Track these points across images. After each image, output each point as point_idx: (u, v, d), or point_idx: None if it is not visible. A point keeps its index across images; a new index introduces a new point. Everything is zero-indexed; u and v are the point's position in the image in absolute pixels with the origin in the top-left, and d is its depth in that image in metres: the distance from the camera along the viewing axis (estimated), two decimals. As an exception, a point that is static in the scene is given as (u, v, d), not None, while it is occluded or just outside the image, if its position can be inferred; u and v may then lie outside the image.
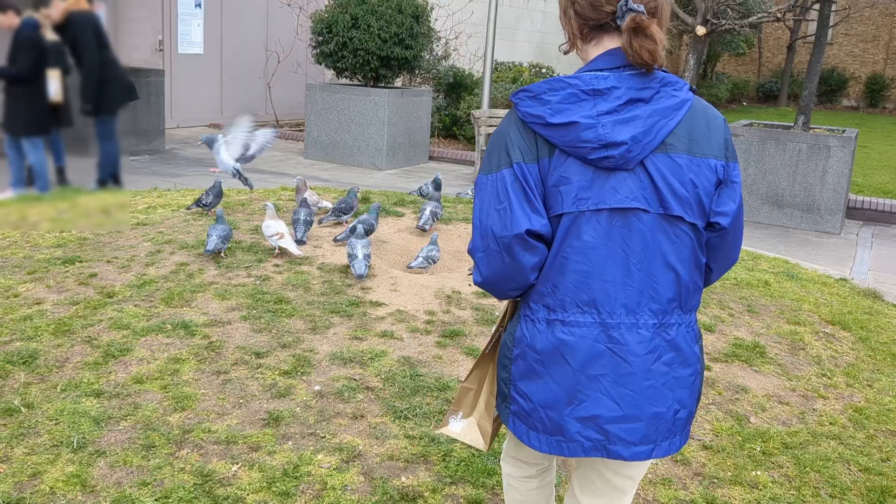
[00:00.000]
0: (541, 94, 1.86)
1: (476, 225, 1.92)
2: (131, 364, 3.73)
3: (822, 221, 8.98)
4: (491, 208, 1.89)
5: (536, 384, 1.92)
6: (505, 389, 2.01)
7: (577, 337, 1.88)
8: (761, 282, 5.89)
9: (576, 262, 1.87)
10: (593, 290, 1.87)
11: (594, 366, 1.87)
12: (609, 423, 1.88)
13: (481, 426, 2.18)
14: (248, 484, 2.92)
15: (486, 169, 1.93)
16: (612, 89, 1.84)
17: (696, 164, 1.87)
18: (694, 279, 1.93)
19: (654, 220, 1.86)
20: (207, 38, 13.97)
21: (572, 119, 1.82)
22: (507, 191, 1.86)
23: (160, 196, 7.14)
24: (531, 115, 1.86)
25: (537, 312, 1.92)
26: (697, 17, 12.50)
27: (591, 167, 1.84)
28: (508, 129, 1.91)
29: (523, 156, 1.87)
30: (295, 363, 3.83)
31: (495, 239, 1.87)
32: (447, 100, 13.77)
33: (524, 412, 1.95)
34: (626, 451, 1.90)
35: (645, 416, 1.89)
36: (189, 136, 12.79)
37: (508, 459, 2.36)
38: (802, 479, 3.30)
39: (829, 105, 26.81)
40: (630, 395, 1.88)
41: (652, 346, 1.89)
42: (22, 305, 4.31)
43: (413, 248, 5.69)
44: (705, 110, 1.92)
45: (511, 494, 2.41)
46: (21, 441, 3.08)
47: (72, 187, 6.05)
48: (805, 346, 4.72)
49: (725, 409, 3.83)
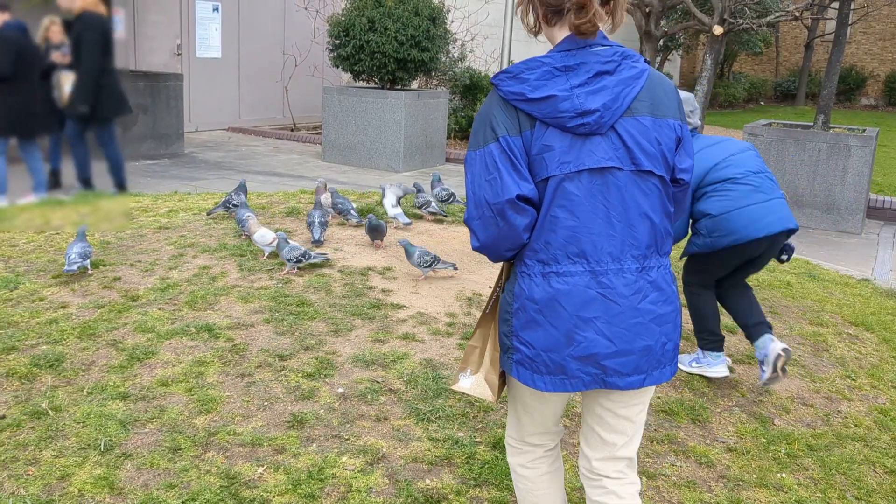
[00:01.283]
0: (519, 73, 2.09)
1: (469, 196, 2.14)
2: (156, 367, 3.76)
3: (843, 221, 8.92)
4: (482, 179, 2.11)
5: (537, 332, 2.13)
6: (507, 342, 2.21)
7: (570, 285, 2.10)
8: (783, 283, 5.86)
9: (564, 219, 2.09)
10: (581, 242, 2.10)
11: (588, 309, 2.10)
12: (605, 359, 2.11)
13: (488, 380, 2.35)
14: (274, 486, 2.94)
15: (473, 146, 2.15)
16: (581, 65, 2.08)
17: (659, 125, 2.13)
18: (665, 225, 2.19)
19: (627, 176, 2.10)
20: (225, 42, 14.05)
21: (550, 93, 2.05)
22: (495, 162, 2.09)
23: (181, 200, 7.18)
24: (512, 93, 2.09)
25: (532, 268, 2.14)
26: (714, 16, 12.45)
27: (569, 134, 2.08)
28: (491, 108, 2.13)
29: (507, 130, 2.09)
30: (318, 365, 3.85)
31: (489, 206, 2.09)
32: (463, 101, 13.77)
33: (528, 359, 2.15)
34: (621, 382, 2.13)
35: (636, 349, 2.12)
36: (208, 140, 12.86)
37: (514, 447, 2.46)
38: (828, 482, 3.29)
39: (848, 104, 26.61)
40: (621, 333, 2.11)
41: (637, 288, 2.12)
42: (48, 309, 4.35)
43: (433, 249, 5.70)
44: (661, 79, 2.18)
45: (523, 491, 2.45)
46: (49, 444, 3.11)
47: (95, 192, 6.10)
48: (828, 348, 4.69)
49: (749, 411, 3.82)
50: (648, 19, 13.30)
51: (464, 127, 13.46)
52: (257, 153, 11.94)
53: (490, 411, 3.58)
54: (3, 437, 3.13)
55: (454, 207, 6.86)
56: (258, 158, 11.47)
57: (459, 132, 13.55)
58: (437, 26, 11.34)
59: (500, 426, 3.46)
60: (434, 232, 6.16)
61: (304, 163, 11.36)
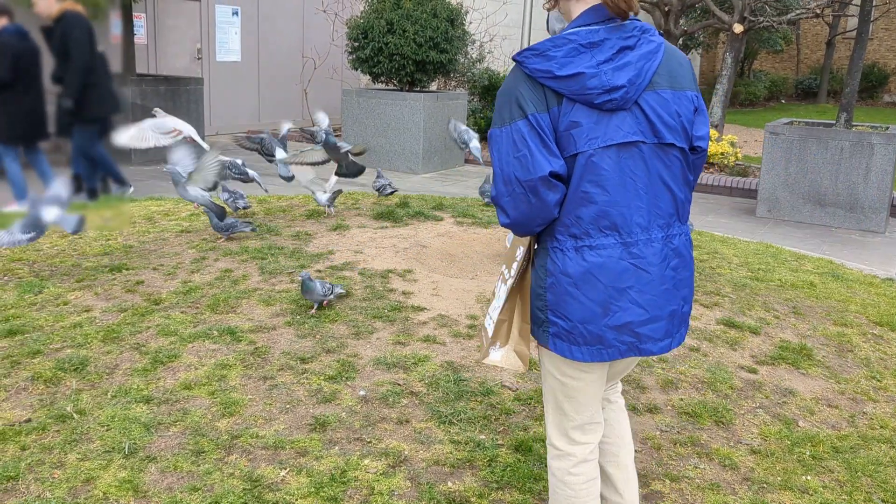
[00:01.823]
0: (545, 51, 2.11)
1: (497, 173, 2.17)
2: (179, 370, 3.78)
3: (866, 220, 8.83)
4: (510, 157, 2.13)
5: (572, 305, 2.18)
6: (542, 316, 2.25)
7: (604, 258, 2.16)
8: (806, 283, 5.81)
9: (595, 193, 2.14)
10: (612, 215, 2.15)
11: (622, 280, 2.16)
12: (639, 327, 2.19)
13: (518, 351, 2.39)
14: (297, 489, 2.95)
15: (498, 123, 2.17)
16: (605, 41, 2.12)
17: (678, 97, 2.19)
18: (685, 194, 2.29)
19: (651, 149, 2.17)
20: (245, 45, 14.13)
21: (578, 70, 2.08)
22: (524, 139, 2.11)
23: (202, 203, 7.22)
24: (539, 70, 2.11)
25: (564, 243, 2.18)
26: (734, 14, 12.37)
27: (595, 111, 2.11)
28: (517, 85, 2.14)
29: (535, 107, 2.11)
30: (339, 368, 3.86)
31: (519, 183, 2.12)
32: (482, 102, 13.77)
33: (564, 331, 2.21)
34: (655, 347, 2.24)
35: (665, 315, 2.22)
36: (228, 144, 12.93)
37: (558, 449, 2.43)
38: (854, 484, 3.25)
39: (870, 101, 26.32)
40: (652, 300, 2.19)
41: (663, 255, 2.20)
42: (72, 313, 4.39)
43: (454, 251, 5.70)
44: (675, 51, 2.24)
45: (562, 498, 2.42)
46: (74, 447, 3.14)
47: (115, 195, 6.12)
48: (853, 348, 4.65)
49: (773, 413, 3.79)
50: (668, 18, 13.23)
51: (483, 128, 13.44)
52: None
53: (512, 414, 3.57)
54: (29, 441, 3.17)
55: (474, 207, 6.86)
56: (278, 161, 11.50)
57: (478, 133, 13.54)
58: (456, 28, 11.35)
59: (521, 429, 3.45)
60: (454, 234, 6.16)
61: (324, 165, 11.39)
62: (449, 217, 6.65)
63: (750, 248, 6.97)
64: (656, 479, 3.18)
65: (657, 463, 3.29)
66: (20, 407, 3.42)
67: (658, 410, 3.71)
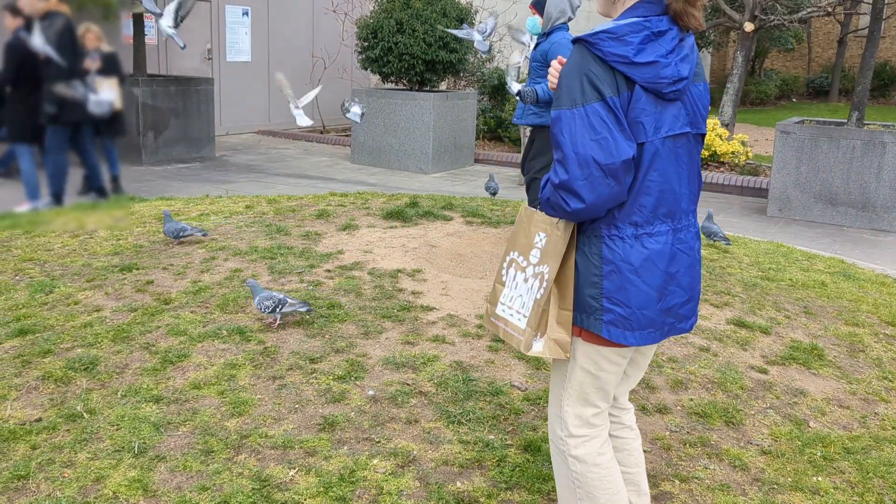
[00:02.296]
0: (623, 35, 2.10)
1: (570, 156, 2.12)
2: (189, 370, 3.79)
3: (878, 219, 8.78)
4: (586, 139, 2.10)
5: (633, 291, 2.21)
6: (595, 304, 2.25)
7: (661, 244, 2.22)
8: (817, 282, 5.78)
9: (658, 182, 2.20)
10: (668, 203, 2.22)
11: (673, 264, 2.25)
12: (680, 308, 2.30)
13: (558, 340, 2.35)
14: (306, 489, 2.95)
15: (568, 103, 2.13)
16: (668, 31, 2.16)
17: (704, 88, 2.31)
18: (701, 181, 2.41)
19: (693, 139, 2.28)
20: (255, 45, 14.16)
21: (652, 58, 2.11)
22: (603, 122, 2.10)
23: (212, 203, 7.25)
24: (615, 54, 2.09)
25: (624, 230, 2.21)
26: (745, 13, 12.32)
27: (658, 100, 2.16)
28: (588, 65, 2.11)
29: (610, 90, 2.10)
30: (348, 368, 3.86)
31: (598, 166, 2.10)
32: (492, 102, 13.76)
33: (622, 318, 2.23)
34: (687, 325, 2.36)
35: (696, 295, 2.36)
36: (238, 143, 12.97)
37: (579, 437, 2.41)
38: (866, 486, 3.23)
39: (882, 100, 26.16)
40: (690, 282, 2.31)
41: (695, 239, 2.34)
42: (82, 312, 4.41)
43: (463, 251, 5.69)
44: (694, 45, 2.31)
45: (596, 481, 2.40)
46: (84, 446, 3.15)
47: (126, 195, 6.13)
48: (864, 348, 4.62)
49: (784, 414, 3.77)
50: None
51: (493, 127, 13.44)
52: (287, 156, 12.02)
53: (521, 414, 3.57)
54: (39, 440, 3.18)
55: (484, 207, 6.85)
56: (288, 161, 11.54)
57: (488, 133, 13.53)
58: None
59: (530, 429, 3.44)
60: (464, 233, 6.16)
61: (334, 165, 11.41)
62: (458, 217, 6.65)
63: (761, 247, 6.94)
64: (666, 479, 3.17)
65: (667, 463, 3.28)
66: (31, 406, 3.44)
67: (668, 411, 3.70)
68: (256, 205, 7.10)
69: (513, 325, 2.41)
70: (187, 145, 11.11)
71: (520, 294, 2.39)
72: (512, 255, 2.42)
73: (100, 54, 4.60)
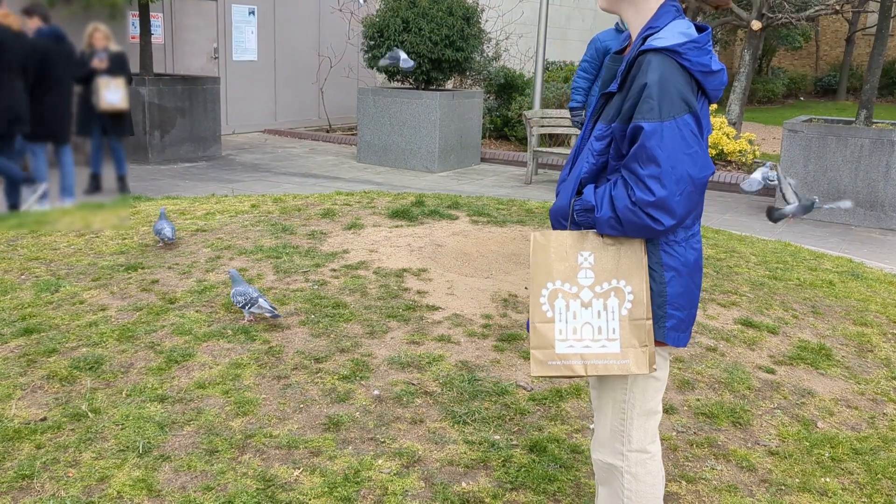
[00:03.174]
0: (704, 44, 2.07)
1: (668, 171, 2.02)
2: (193, 369, 3.78)
3: (887, 218, 8.73)
4: (680, 153, 2.03)
5: (687, 294, 2.23)
6: (659, 312, 2.21)
7: (700, 244, 2.26)
8: (825, 282, 5.75)
9: None
10: (699, 206, 2.19)
11: (701, 262, 2.28)
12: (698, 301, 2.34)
13: (654, 351, 2.25)
14: (310, 489, 2.94)
15: (661, 116, 2.03)
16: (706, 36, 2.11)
17: None
18: None
19: None
20: (261, 44, 14.16)
21: (720, 66, 2.10)
22: (693, 135, 2.05)
23: (218, 202, 7.25)
24: (700, 63, 2.06)
25: (678, 234, 2.19)
26: (752, 11, 12.27)
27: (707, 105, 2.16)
28: (676, 76, 2.05)
29: (695, 101, 2.07)
30: (353, 368, 3.85)
31: (692, 181, 2.04)
32: (498, 101, 13.73)
33: (682, 322, 2.23)
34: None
35: None
36: (245, 142, 12.97)
37: (643, 454, 2.36)
38: (874, 486, 3.21)
39: (891, 98, 26.04)
40: None
41: None
42: (87, 312, 4.40)
43: (469, 250, 5.68)
44: None
45: (648, 497, 2.37)
46: (89, 446, 3.14)
47: (133, 195, 6.13)
48: (873, 348, 4.59)
49: (791, 414, 3.74)
50: (685, 14, 13.14)
51: (499, 126, 13.42)
52: (293, 155, 12.02)
53: (526, 414, 3.55)
54: (44, 439, 3.17)
55: (490, 206, 6.83)
56: (294, 160, 11.53)
57: (494, 132, 13.51)
58: (472, 26, 11.32)
59: (536, 429, 3.43)
60: (470, 233, 6.14)
61: (340, 164, 11.41)
62: (464, 216, 6.63)
63: (768, 246, 6.91)
64: (672, 480, 3.15)
65: (674, 464, 3.26)
66: (36, 405, 3.44)
67: (674, 411, 3.68)
68: (262, 204, 7.10)
69: (597, 354, 2.20)
70: (193, 144, 11.11)
71: (585, 321, 2.20)
72: (551, 286, 2.21)
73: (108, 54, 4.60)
